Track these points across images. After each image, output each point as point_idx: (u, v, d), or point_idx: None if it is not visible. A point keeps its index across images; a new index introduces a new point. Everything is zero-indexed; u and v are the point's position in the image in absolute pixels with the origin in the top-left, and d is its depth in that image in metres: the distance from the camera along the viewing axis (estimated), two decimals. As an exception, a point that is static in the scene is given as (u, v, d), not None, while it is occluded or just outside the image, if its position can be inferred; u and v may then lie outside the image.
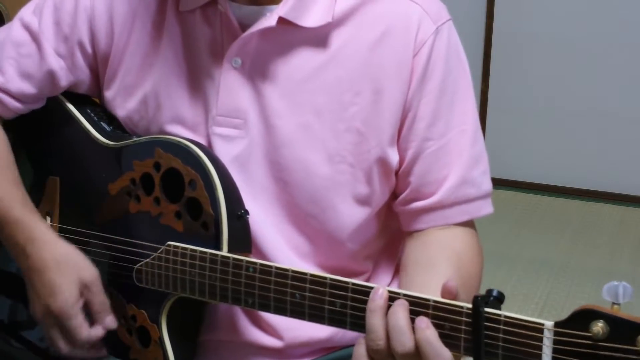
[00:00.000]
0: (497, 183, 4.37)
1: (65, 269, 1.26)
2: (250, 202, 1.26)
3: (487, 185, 1.32)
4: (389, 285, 1.38)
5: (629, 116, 4.22)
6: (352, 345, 1.29)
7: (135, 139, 1.31)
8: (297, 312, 1.13)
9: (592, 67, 4.23)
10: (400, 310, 1.03)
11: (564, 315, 0.93)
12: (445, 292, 1.04)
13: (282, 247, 1.29)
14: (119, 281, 1.30)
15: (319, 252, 1.31)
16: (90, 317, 1.28)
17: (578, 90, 4.27)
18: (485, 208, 1.32)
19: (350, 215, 1.29)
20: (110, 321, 1.28)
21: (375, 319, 1.04)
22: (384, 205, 1.33)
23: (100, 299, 1.27)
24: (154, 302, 1.26)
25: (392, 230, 1.38)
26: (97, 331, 1.27)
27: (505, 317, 0.98)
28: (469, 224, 1.33)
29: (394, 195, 1.33)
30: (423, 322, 1.02)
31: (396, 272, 1.41)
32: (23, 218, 1.29)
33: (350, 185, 1.27)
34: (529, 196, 4.36)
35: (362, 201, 1.29)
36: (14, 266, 1.43)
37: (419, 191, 1.29)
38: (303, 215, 1.28)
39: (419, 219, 1.30)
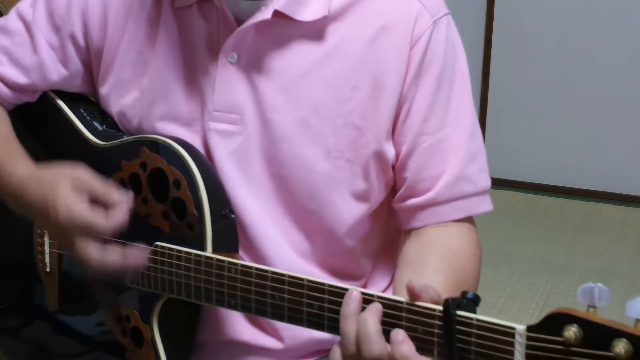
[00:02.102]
0: (497, 183, 4.39)
1: (51, 181, 1.21)
2: (249, 198, 1.26)
3: (485, 182, 1.31)
4: (388, 287, 1.39)
5: (629, 116, 4.21)
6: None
7: (124, 138, 1.31)
8: (276, 314, 1.12)
9: (592, 67, 4.22)
10: (370, 317, 1.01)
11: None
12: (408, 292, 1.01)
13: (282, 245, 1.29)
14: (111, 282, 1.29)
15: (318, 249, 1.31)
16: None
17: (578, 90, 4.26)
18: (483, 205, 1.31)
19: (348, 211, 1.29)
20: (123, 198, 1.19)
21: (348, 325, 1.02)
22: (384, 203, 1.33)
23: (101, 187, 1.19)
24: (146, 303, 1.25)
25: (392, 229, 1.38)
26: (116, 216, 1.17)
27: (477, 320, 0.95)
28: (468, 220, 1.32)
29: (393, 192, 1.33)
30: (399, 336, 0.99)
31: (395, 273, 1.41)
32: (9, 168, 1.30)
33: (348, 180, 1.27)
34: (529, 196, 4.34)
35: (360, 197, 1.29)
36: (28, 264, 1.43)
37: (414, 188, 1.28)
38: (302, 212, 1.28)
39: (415, 217, 1.30)
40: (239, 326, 1.30)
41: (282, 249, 1.29)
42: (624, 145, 4.24)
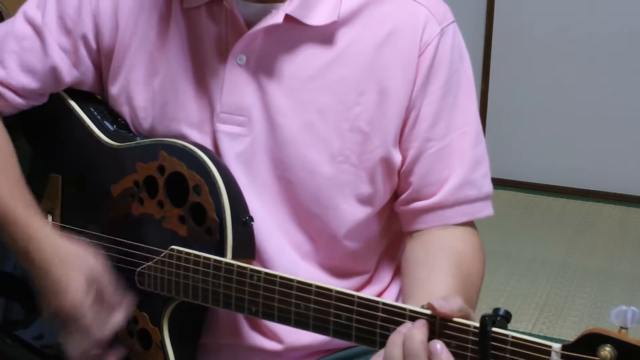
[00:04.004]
0: (497, 183, 4.34)
1: (71, 265, 1.23)
2: (253, 200, 1.26)
3: (488, 188, 1.32)
4: (388, 286, 1.40)
5: (628, 116, 4.23)
6: (352, 347, 1.31)
7: (139, 140, 1.31)
8: (301, 323, 1.12)
9: (592, 67, 4.23)
10: (418, 333, 1.01)
11: (563, 315, 0.93)
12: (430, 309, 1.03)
13: (284, 246, 1.29)
14: (120, 283, 1.28)
15: (320, 251, 1.31)
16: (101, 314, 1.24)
17: (578, 90, 4.27)
18: (485, 210, 1.32)
19: (352, 214, 1.29)
20: (121, 316, 1.25)
21: (396, 350, 1.02)
22: (386, 206, 1.33)
23: (110, 290, 1.24)
24: (156, 306, 1.25)
25: (394, 231, 1.38)
26: (109, 326, 1.24)
27: (513, 337, 0.96)
28: (469, 223, 1.33)
29: (395, 195, 1.33)
30: (437, 345, 1.00)
31: (396, 273, 1.41)
32: (23, 218, 1.27)
33: (353, 185, 1.27)
34: (529, 196, 4.36)
35: (365, 201, 1.29)
36: (9, 265, 1.42)
37: (419, 192, 1.29)
38: (306, 214, 1.28)
39: (419, 219, 1.30)
40: (240, 330, 1.30)
41: (285, 250, 1.29)
42: (624, 145, 4.25)
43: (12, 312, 1.45)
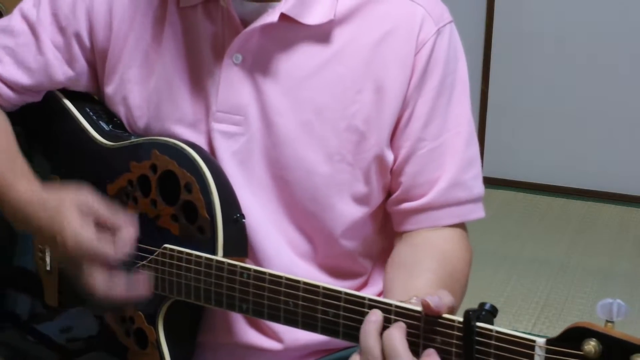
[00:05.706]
0: (497, 183, 4.40)
1: (56, 206, 1.20)
2: (250, 199, 1.26)
3: (479, 189, 1.32)
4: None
5: (628, 116, 4.22)
6: (351, 347, 1.30)
7: (132, 139, 1.31)
8: (290, 320, 1.12)
9: (592, 67, 4.23)
10: (397, 332, 1.00)
11: (563, 315, 0.92)
12: (425, 310, 1.01)
13: (281, 245, 1.29)
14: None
15: (318, 251, 1.31)
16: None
17: (578, 90, 4.27)
18: (476, 212, 1.32)
19: (348, 213, 1.29)
20: (130, 230, 1.19)
21: (370, 341, 1.01)
22: (382, 205, 1.33)
23: (107, 212, 1.20)
24: (151, 305, 1.25)
25: (390, 231, 1.38)
26: (123, 244, 1.18)
27: (497, 332, 0.96)
28: (460, 225, 1.33)
29: (387, 195, 1.33)
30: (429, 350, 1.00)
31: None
32: (8, 177, 1.29)
33: (349, 184, 1.27)
34: (529, 196, 4.35)
35: (360, 200, 1.29)
36: (29, 261, 1.43)
37: (409, 192, 1.29)
38: (302, 213, 1.28)
39: (409, 220, 1.30)
40: (239, 328, 1.30)
41: (282, 250, 1.29)
42: (624, 145, 4.25)
43: (33, 308, 1.45)
